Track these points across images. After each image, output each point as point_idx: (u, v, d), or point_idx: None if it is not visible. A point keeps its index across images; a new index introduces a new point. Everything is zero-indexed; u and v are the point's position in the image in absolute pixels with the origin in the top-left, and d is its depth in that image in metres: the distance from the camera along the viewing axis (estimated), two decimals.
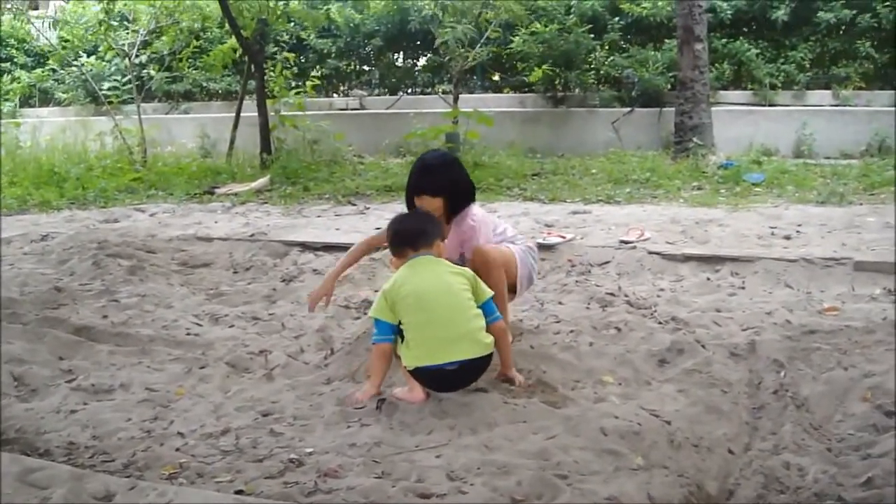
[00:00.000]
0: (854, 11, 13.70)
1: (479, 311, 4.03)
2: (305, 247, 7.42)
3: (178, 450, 3.53)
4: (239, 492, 3.08)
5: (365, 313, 5.56)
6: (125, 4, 15.27)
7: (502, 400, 3.83)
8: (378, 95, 16.68)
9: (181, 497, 2.94)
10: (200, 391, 4.32)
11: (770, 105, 13.84)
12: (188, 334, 5.23)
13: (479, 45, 13.48)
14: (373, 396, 3.98)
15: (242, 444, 3.58)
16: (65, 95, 17.31)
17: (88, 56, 16.23)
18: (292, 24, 15.48)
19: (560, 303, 5.62)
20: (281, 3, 13.64)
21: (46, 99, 17.72)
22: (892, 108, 13.05)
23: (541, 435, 3.48)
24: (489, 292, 4.09)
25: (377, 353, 4.06)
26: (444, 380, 3.93)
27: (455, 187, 4.58)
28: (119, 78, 15.47)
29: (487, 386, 4.01)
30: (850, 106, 13.52)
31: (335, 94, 17.10)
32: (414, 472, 3.19)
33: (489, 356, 4.00)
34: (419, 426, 3.66)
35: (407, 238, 4.19)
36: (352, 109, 15.80)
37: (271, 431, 3.71)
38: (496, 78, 16.25)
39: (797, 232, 7.16)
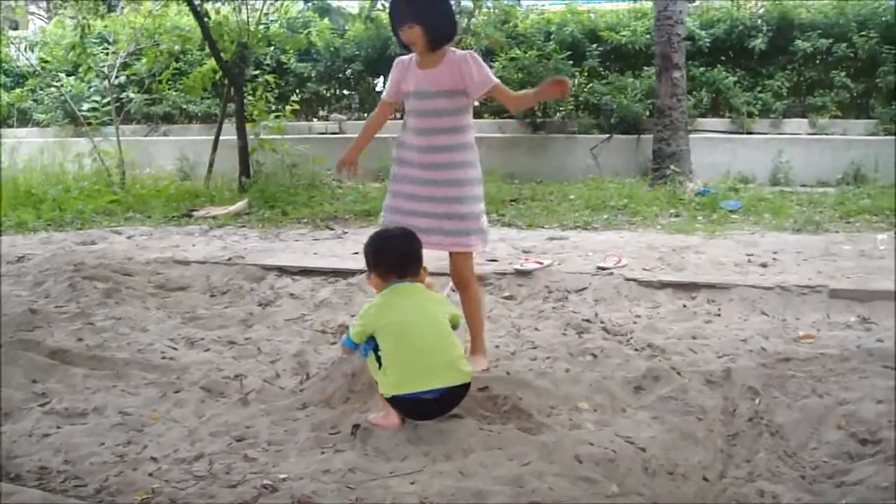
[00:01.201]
0: (830, 41, 13.82)
1: (457, 339, 4.03)
2: (283, 271, 7.40)
3: (151, 475, 3.51)
4: None
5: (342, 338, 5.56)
6: (105, 26, 15.27)
7: (478, 426, 3.82)
8: (358, 120, 16.68)
9: None
10: (175, 416, 4.29)
11: (747, 133, 13.93)
12: (163, 358, 5.19)
13: None
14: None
15: (216, 469, 3.57)
16: (43, 116, 17.23)
17: (68, 76, 16.18)
18: (272, 47, 15.48)
19: (536, 329, 5.63)
20: (261, 26, 13.65)
21: (25, 119, 17.63)
22: (868, 137, 13.18)
23: (516, 461, 3.47)
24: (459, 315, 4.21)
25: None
26: (423, 408, 3.91)
27: (438, 16, 4.60)
28: (98, 99, 15.40)
29: (463, 412, 4.00)
30: (826, 134, 13.62)
31: (314, 118, 17.09)
32: (388, 499, 3.18)
33: (468, 384, 4.00)
34: (394, 452, 3.65)
35: (395, 265, 4.16)
36: (331, 133, 15.77)
37: (245, 457, 3.69)
38: (476, 104, 16.28)
39: (773, 259, 7.20)
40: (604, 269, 6.81)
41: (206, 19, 12.32)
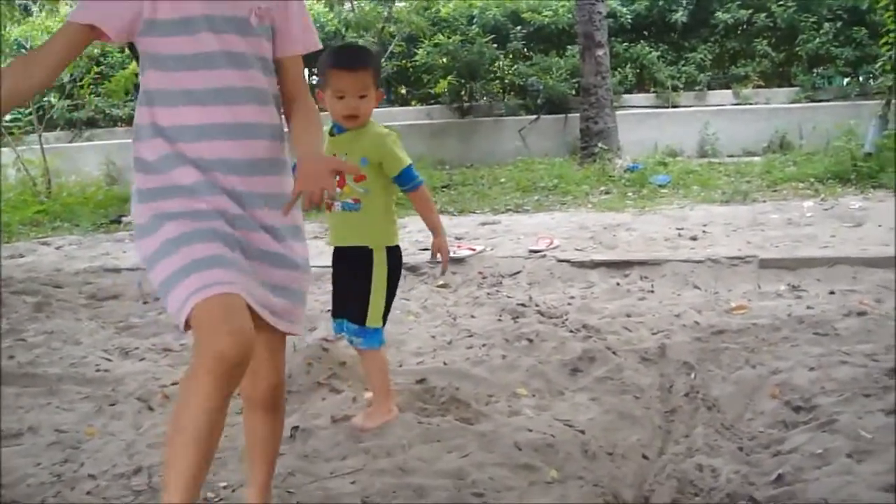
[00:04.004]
0: (750, 11, 14.04)
1: None
2: None
3: (89, 493, 3.45)
4: None
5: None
6: (22, 31, 14.97)
7: (416, 420, 3.80)
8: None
9: None
10: (112, 429, 4.21)
11: (673, 107, 14.10)
12: (98, 371, 5.09)
13: (383, 59, 13.47)
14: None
15: (154, 482, 3.51)
16: None
17: None
18: None
19: (472, 316, 5.62)
20: None
21: None
22: (791, 105, 13.39)
23: (455, 454, 3.47)
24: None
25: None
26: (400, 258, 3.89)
27: None
28: (20, 108, 15.10)
29: (401, 407, 3.98)
30: (750, 104, 13.82)
31: None
32: (329, 501, 3.16)
33: None
34: (334, 452, 3.62)
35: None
36: None
37: None
38: (403, 91, 16.27)
39: (703, 232, 7.29)
40: (536, 251, 6.85)
41: None
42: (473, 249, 6.97)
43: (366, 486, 3.25)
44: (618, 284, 6.15)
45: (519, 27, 14.87)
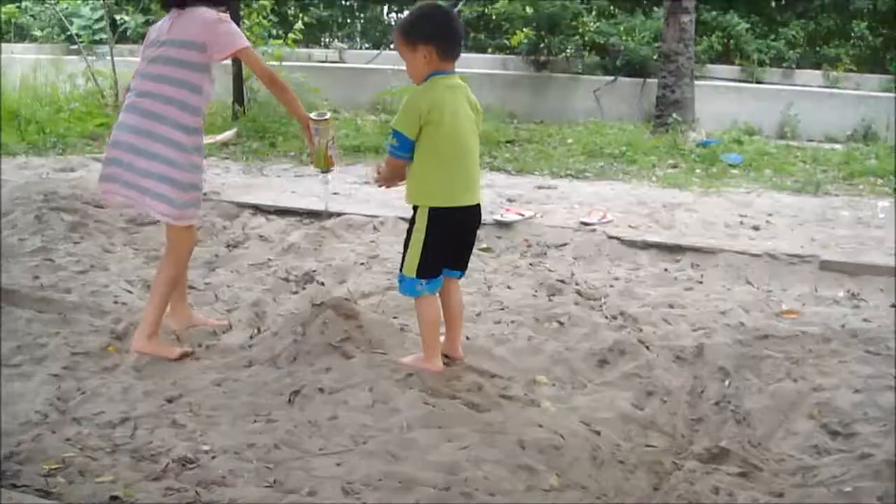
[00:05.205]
0: None
1: None
2: (258, 209, 7.13)
3: (68, 440, 3.29)
4: (114, 497, 2.83)
5: (304, 288, 5.33)
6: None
7: (421, 399, 3.56)
8: (359, 49, 16.33)
9: None
10: (113, 370, 4.08)
11: (757, 82, 13.58)
12: (115, 302, 4.96)
13: (462, 2, 13.13)
14: None
15: (138, 435, 3.35)
16: (40, 33, 16.86)
17: None
18: None
19: (508, 287, 5.35)
20: None
21: (23, 35, 17.26)
22: (882, 94, 12.80)
23: (454, 444, 3.22)
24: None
25: (393, 165, 3.95)
26: (466, 221, 3.97)
27: None
28: (90, 16, 15.03)
29: (411, 381, 3.75)
30: (838, 88, 13.26)
31: (315, 46, 16.70)
32: (308, 484, 2.95)
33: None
34: (328, 426, 3.41)
35: (458, 46, 3.95)
36: (331, 62, 15.44)
37: (173, 422, 3.47)
38: (482, 37, 15.90)
39: (767, 222, 6.91)
40: (587, 224, 6.54)
41: None
42: (522, 215, 6.68)
43: (351, 470, 3.04)
44: (666, 270, 5.83)
45: None
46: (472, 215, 3.98)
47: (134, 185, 4.17)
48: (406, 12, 4.26)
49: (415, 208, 3.92)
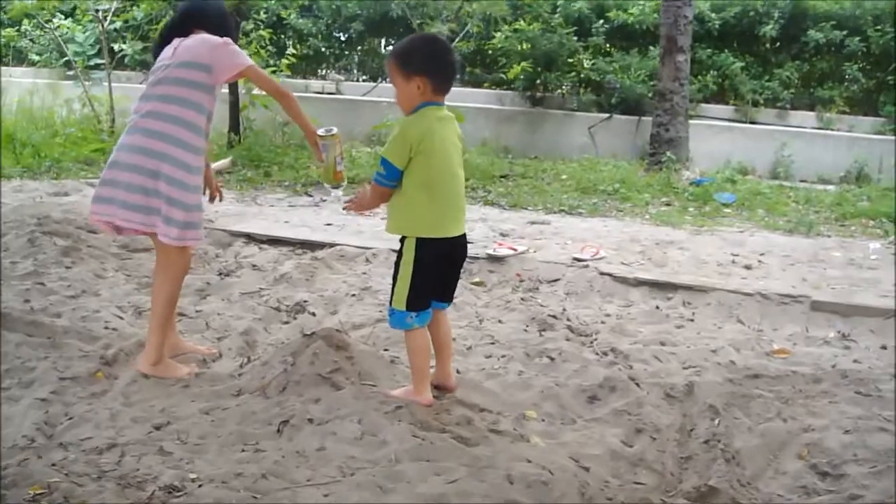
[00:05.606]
0: (844, 33, 13.51)
1: None
2: (251, 238, 7.14)
3: (54, 465, 3.27)
4: None
5: (295, 318, 5.33)
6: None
7: (411, 432, 3.55)
8: (356, 81, 16.38)
9: None
10: (100, 396, 4.06)
11: (751, 122, 13.62)
12: (106, 328, 4.95)
13: (459, 38, 13.20)
14: None
15: (125, 462, 3.33)
16: (38, 57, 16.89)
17: (65, 18, 15.80)
18: (272, 0, 15.16)
19: (500, 321, 5.37)
20: None
21: (20, 59, 17.29)
22: (875, 136, 12.86)
23: (443, 478, 3.21)
24: None
25: (378, 193, 3.94)
26: (454, 252, 3.99)
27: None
28: (82, 41, 15.05)
29: (400, 414, 3.74)
30: (832, 130, 13.32)
31: (312, 77, 16.76)
32: None
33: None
34: (316, 456, 3.39)
35: (451, 80, 3.95)
36: (328, 93, 15.47)
37: (161, 450, 3.45)
38: (477, 72, 15.95)
39: (759, 262, 6.93)
40: (580, 260, 6.55)
41: None
42: (515, 249, 6.68)
43: (338, 501, 3.02)
44: (657, 307, 5.84)
45: (602, 22, 14.46)
46: (459, 246, 4.00)
47: (135, 205, 4.16)
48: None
49: (402, 240, 3.92)
